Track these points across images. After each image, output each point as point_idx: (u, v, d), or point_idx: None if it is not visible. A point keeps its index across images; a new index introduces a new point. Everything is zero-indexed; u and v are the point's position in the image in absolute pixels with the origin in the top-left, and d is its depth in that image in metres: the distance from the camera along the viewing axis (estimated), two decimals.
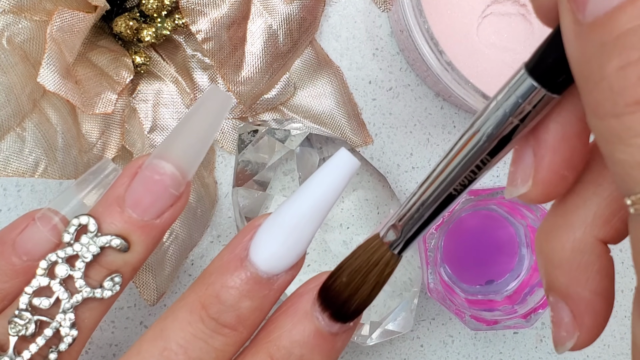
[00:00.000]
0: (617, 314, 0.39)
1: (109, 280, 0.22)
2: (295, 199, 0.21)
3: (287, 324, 0.21)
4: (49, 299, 0.21)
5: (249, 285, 0.21)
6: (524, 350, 0.39)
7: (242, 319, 0.21)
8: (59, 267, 0.21)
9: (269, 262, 0.21)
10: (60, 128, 0.32)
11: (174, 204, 0.22)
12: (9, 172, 0.31)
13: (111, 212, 0.21)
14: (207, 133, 0.22)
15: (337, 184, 0.21)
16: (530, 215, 0.34)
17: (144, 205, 0.21)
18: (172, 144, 0.21)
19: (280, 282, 0.21)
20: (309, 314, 0.21)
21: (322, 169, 0.21)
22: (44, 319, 0.21)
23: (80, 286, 0.21)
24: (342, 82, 0.36)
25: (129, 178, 0.22)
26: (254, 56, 0.34)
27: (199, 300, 0.21)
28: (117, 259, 0.22)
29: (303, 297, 0.21)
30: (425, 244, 0.34)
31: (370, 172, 0.35)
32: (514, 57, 0.32)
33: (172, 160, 0.21)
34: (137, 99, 0.35)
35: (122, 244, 0.21)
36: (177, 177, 0.21)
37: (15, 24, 0.30)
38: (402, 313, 0.35)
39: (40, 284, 0.21)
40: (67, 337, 0.21)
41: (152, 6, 0.33)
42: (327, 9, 0.36)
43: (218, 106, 0.21)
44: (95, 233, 0.21)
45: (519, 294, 0.36)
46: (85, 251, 0.21)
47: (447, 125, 0.37)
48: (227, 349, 0.21)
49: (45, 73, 0.30)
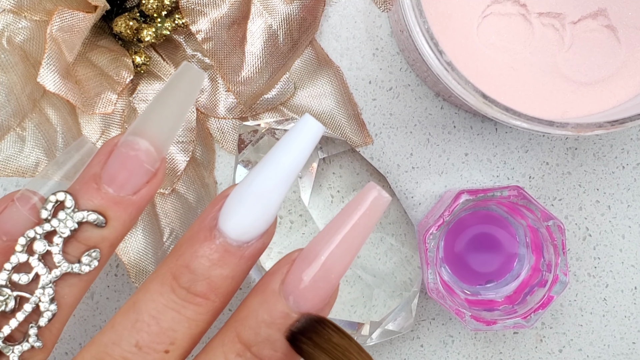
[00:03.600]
0: (617, 314, 0.39)
1: (87, 255, 0.22)
2: (261, 167, 0.21)
3: (255, 304, 0.21)
4: (28, 275, 0.22)
5: (218, 253, 0.21)
6: (524, 350, 0.39)
7: (213, 288, 0.21)
8: (37, 243, 0.21)
9: (238, 230, 0.21)
10: (60, 128, 0.32)
11: (149, 180, 0.22)
12: (9, 172, 0.31)
13: (88, 189, 0.22)
14: (180, 109, 0.22)
15: (302, 150, 0.21)
16: (530, 215, 0.34)
17: (120, 181, 0.22)
18: (146, 122, 0.22)
19: (251, 250, 0.21)
20: (276, 293, 0.21)
21: (287, 135, 0.21)
22: (24, 295, 0.22)
23: (58, 261, 0.22)
24: (342, 82, 0.36)
25: (105, 156, 0.22)
26: (254, 56, 0.34)
27: (169, 272, 0.21)
28: (94, 235, 0.22)
29: (274, 275, 0.21)
30: (425, 244, 0.34)
31: (370, 172, 0.35)
32: (514, 57, 0.32)
33: (147, 136, 0.22)
34: (137, 99, 0.35)
35: (98, 218, 0.21)
36: (151, 152, 0.22)
37: (15, 24, 0.30)
38: (402, 313, 0.35)
39: (19, 260, 0.22)
40: (46, 312, 0.22)
41: (152, 6, 0.33)
42: (327, 9, 0.36)
43: (190, 83, 0.22)
44: (73, 209, 0.21)
45: (519, 294, 0.36)
46: (63, 227, 0.21)
47: (447, 125, 0.37)
48: (200, 318, 0.21)
49: (45, 73, 0.30)
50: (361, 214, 0.21)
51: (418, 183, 0.37)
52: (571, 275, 0.38)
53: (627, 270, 0.39)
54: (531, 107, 0.32)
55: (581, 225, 0.38)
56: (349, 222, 0.21)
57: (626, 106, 0.32)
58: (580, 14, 0.32)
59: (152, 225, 0.34)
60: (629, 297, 0.39)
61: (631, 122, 0.29)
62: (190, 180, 0.35)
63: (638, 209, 0.38)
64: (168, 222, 0.35)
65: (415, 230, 0.36)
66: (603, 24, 0.32)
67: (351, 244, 0.21)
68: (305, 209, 0.34)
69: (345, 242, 0.21)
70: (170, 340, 0.21)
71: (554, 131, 0.28)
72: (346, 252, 0.21)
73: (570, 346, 0.39)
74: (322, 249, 0.21)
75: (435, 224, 0.33)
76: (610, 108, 0.32)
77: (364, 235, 0.21)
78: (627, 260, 0.39)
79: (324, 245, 0.21)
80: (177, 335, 0.21)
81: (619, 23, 0.32)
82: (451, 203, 0.34)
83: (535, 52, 0.32)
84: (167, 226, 0.35)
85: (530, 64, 0.32)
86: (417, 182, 0.37)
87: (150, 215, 0.34)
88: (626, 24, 0.32)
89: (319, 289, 0.21)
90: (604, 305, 0.39)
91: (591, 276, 0.39)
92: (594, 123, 0.29)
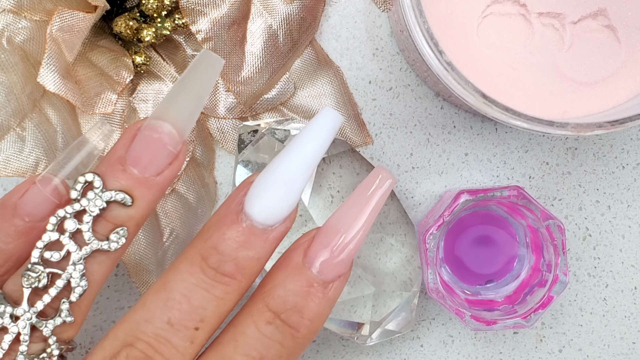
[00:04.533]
0: (617, 314, 0.39)
1: (115, 233, 0.23)
2: (284, 155, 0.23)
3: (280, 276, 0.23)
4: (59, 252, 0.22)
5: (245, 236, 0.22)
6: (524, 350, 0.39)
7: (240, 268, 0.22)
8: (67, 222, 0.22)
9: (263, 214, 0.22)
10: (60, 128, 0.32)
11: (172, 162, 0.23)
12: (9, 172, 0.31)
13: (114, 170, 0.23)
14: (200, 94, 0.23)
15: (323, 139, 0.23)
16: (530, 215, 0.34)
17: (145, 162, 0.23)
18: (168, 106, 0.23)
19: (276, 233, 0.23)
20: (300, 265, 0.23)
21: (308, 126, 0.23)
22: (56, 271, 0.22)
23: (88, 239, 0.22)
24: (342, 82, 0.36)
25: (129, 139, 0.23)
26: (254, 56, 0.34)
27: (198, 253, 0.22)
28: (121, 213, 0.23)
29: (295, 251, 0.23)
30: (425, 244, 0.34)
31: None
32: (514, 57, 0.32)
33: (169, 120, 0.23)
34: (137, 99, 0.35)
35: (125, 197, 0.22)
36: (174, 135, 0.23)
37: (15, 24, 0.30)
38: (402, 313, 0.35)
39: (51, 238, 0.22)
40: (77, 287, 0.22)
41: (152, 6, 0.33)
42: (327, 9, 0.36)
43: (210, 68, 0.23)
44: (101, 189, 0.22)
45: (519, 294, 0.36)
46: (92, 205, 0.22)
47: (447, 125, 0.37)
48: (228, 297, 0.23)
49: (45, 73, 0.30)
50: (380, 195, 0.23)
51: (418, 183, 0.37)
52: (571, 275, 0.38)
53: (627, 270, 0.39)
54: (531, 107, 0.32)
55: (581, 225, 0.38)
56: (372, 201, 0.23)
57: (626, 106, 0.32)
58: (580, 14, 0.32)
59: (152, 225, 0.34)
60: (629, 297, 0.39)
61: (631, 122, 0.29)
62: (190, 180, 0.35)
63: (638, 209, 0.38)
64: (168, 222, 0.35)
65: (415, 230, 0.36)
66: (603, 24, 0.32)
67: (368, 222, 0.23)
68: (305, 209, 0.34)
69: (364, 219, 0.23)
70: (200, 318, 0.22)
71: (554, 131, 0.28)
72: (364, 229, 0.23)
73: (570, 346, 0.39)
74: (343, 225, 0.23)
75: (435, 224, 0.33)
76: (610, 108, 0.32)
77: (376, 215, 0.23)
78: (627, 260, 0.39)
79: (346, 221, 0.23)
80: (206, 313, 0.22)
81: (619, 23, 0.32)
82: (451, 203, 0.34)
83: (535, 52, 0.32)
84: (167, 226, 0.35)
85: (530, 64, 0.32)
86: (417, 182, 0.37)
87: (150, 215, 0.34)
88: (626, 24, 0.32)
89: (340, 260, 0.23)
90: (604, 305, 0.39)
91: (591, 276, 0.39)
92: (594, 123, 0.29)
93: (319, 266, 0.23)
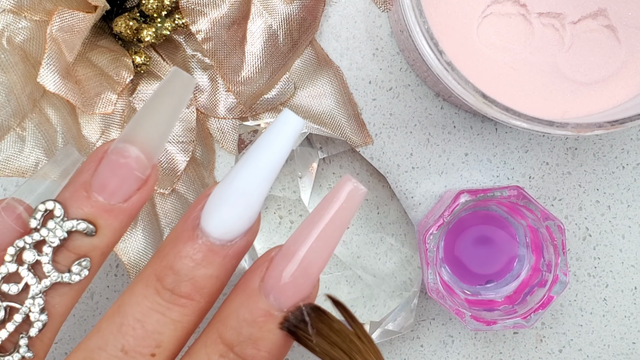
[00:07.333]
0: (617, 314, 0.39)
1: (77, 264, 0.22)
2: (242, 165, 0.21)
3: (236, 303, 0.21)
4: (18, 285, 0.21)
5: (202, 253, 0.21)
6: (524, 350, 0.39)
7: (198, 288, 0.21)
8: (26, 252, 0.21)
9: (220, 229, 0.21)
10: (60, 128, 0.32)
11: (140, 187, 0.22)
12: (9, 172, 0.31)
13: (78, 197, 0.21)
14: (170, 115, 0.21)
15: (283, 145, 0.21)
16: (530, 215, 0.34)
17: (111, 188, 0.21)
18: (136, 128, 0.21)
19: (236, 249, 0.21)
20: (256, 292, 0.21)
21: (267, 132, 0.21)
22: (14, 305, 0.21)
23: (48, 271, 0.21)
24: (342, 82, 0.36)
25: (95, 163, 0.22)
26: (254, 56, 0.34)
27: (154, 273, 0.21)
28: (84, 243, 0.21)
29: (253, 273, 0.21)
30: (425, 244, 0.34)
31: (370, 172, 0.35)
32: (514, 57, 0.32)
33: (137, 143, 0.21)
34: (137, 99, 0.35)
35: (88, 227, 0.21)
36: (142, 160, 0.21)
37: (15, 24, 0.30)
38: (402, 313, 0.35)
39: (9, 270, 0.21)
40: (36, 322, 0.21)
41: (152, 6, 0.33)
42: (327, 9, 0.36)
43: (181, 88, 0.21)
44: (62, 218, 0.21)
45: (519, 294, 0.36)
46: (52, 236, 0.21)
47: (447, 125, 0.37)
48: (186, 319, 0.21)
49: (45, 73, 0.30)
50: (337, 208, 0.20)
51: (418, 183, 0.37)
52: (571, 275, 0.38)
53: (627, 270, 0.39)
54: (531, 107, 0.32)
55: (581, 225, 0.38)
56: (326, 216, 0.20)
57: (626, 106, 0.32)
58: (580, 14, 0.32)
59: (152, 225, 0.34)
60: (629, 297, 0.39)
61: (631, 122, 0.29)
62: (190, 180, 0.35)
63: (638, 209, 0.38)
64: (168, 222, 0.35)
65: (415, 230, 0.36)
66: (603, 24, 0.32)
67: (329, 238, 0.21)
68: (305, 209, 0.34)
69: (322, 236, 0.20)
70: (156, 344, 0.21)
71: (554, 131, 0.28)
72: (324, 246, 0.20)
73: (570, 346, 0.39)
74: (300, 245, 0.20)
75: (435, 224, 0.33)
76: (610, 108, 0.32)
77: (342, 229, 0.21)
78: (627, 260, 0.39)
79: (302, 241, 0.20)
80: (163, 338, 0.21)
81: (619, 23, 0.32)
82: (451, 203, 0.34)
83: (535, 52, 0.32)
84: (167, 226, 0.35)
85: (530, 64, 0.32)
86: (417, 182, 0.37)
87: (150, 215, 0.34)
88: (626, 24, 0.32)
89: (299, 285, 0.21)
90: (604, 305, 0.39)
91: (591, 276, 0.39)
92: (594, 123, 0.29)
93: (276, 292, 0.20)
